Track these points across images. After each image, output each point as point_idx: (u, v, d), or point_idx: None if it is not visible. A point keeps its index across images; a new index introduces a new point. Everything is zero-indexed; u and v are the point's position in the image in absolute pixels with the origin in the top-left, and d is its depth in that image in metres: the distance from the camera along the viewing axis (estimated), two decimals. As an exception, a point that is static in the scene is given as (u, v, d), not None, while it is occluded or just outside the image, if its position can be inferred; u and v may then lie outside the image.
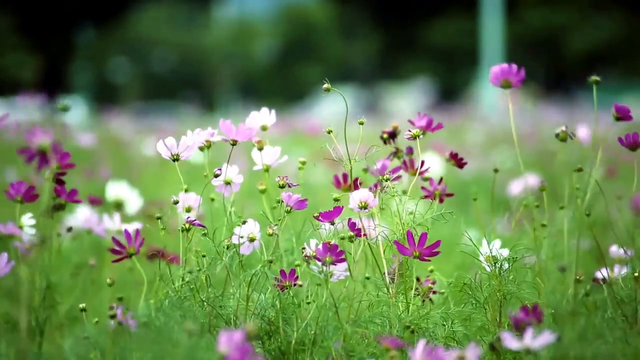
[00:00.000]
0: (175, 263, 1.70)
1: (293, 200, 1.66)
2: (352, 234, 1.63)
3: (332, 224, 1.64)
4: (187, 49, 27.97)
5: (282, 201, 1.66)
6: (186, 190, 1.68)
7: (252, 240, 1.65)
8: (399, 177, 1.78)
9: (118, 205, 2.35)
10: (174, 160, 1.70)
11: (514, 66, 1.69)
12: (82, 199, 1.76)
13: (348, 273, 1.65)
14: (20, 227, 1.71)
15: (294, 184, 1.68)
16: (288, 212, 1.66)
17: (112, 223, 2.14)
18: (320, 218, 1.64)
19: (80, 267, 2.25)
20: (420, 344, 1.41)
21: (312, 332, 1.60)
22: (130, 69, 28.40)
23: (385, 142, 1.86)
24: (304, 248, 1.65)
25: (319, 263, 1.59)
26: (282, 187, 1.67)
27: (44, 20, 25.01)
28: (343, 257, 1.60)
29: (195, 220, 1.64)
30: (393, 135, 1.86)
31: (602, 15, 25.82)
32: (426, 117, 1.77)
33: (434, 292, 1.76)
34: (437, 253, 1.62)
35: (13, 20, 23.62)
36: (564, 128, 1.72)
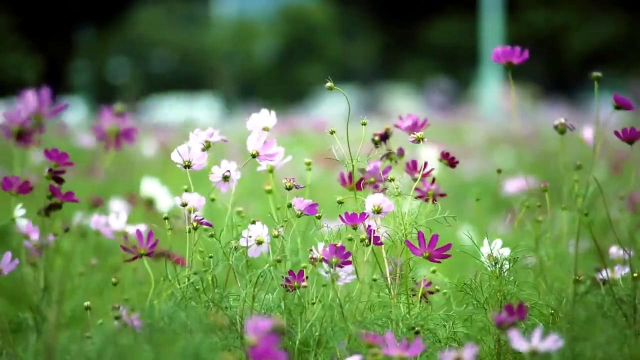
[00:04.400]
0: (180, 264, 1.70)
1: (304, 205, 1.66)
2: (365, 235, 1.63)
3: (355, 228, 1.64)
4: (186, 49, 27.95)
5: (291, 205, 1.66)
6: (186, 191, 1.67)
7: (259, 243, 1.65)
8: (388, 179, 1.77)
9: (150, 203, 2.35)
10: (185, 168, 1.69)
11: (516, 47, 1.75)
12: (79, 199, 1.76)
13: (354, 276, 1.65)
14: (13, 220, 1.72)
15: (300, 186, 1.68)
16: (299, 216, 1.66)
17: (118, 224, 2.14)
18: (344, 220, 1.64)
19: (84, 268, 2.26)
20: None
21: (317, 334, 1.60)
22: (130, 69, 28.39)
23: (376, 145, 1.86)
24: (310, 249, 1.65)
25: (326, 265, 1.60)
26: (288, 188, 1.67)
27: (44, 20, 25.00)
28: (349, 259, 1.61)
29: (203, 219, 1.64)
30: (385, 137, 1.86)
31: (602, 15, 25.80)
32: (411, 118, 1.78)
33: (431, 293, 1.77)
34: (447, 255, 1.63)
35: (13, 20, 23.61)
36: (562, 120, 1.72)
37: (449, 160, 1.85)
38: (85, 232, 1.95)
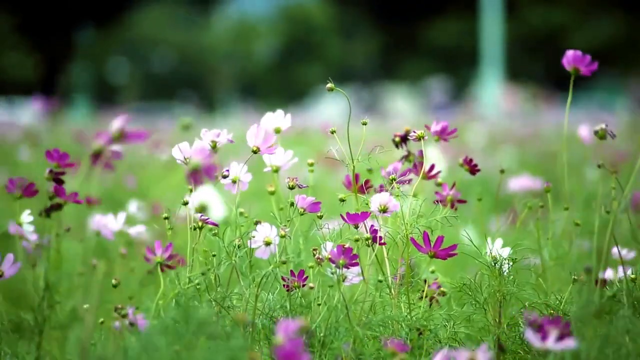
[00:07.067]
0: (181, 264, 1.70)
1: (306, 203, 1.65)
2: (368, 236, 1.63)
3: (357, 227, 1.64)
4: (187, 49, 27.96)
5: (294, 203, 1.65)
6: (191, 191, 1.67)
7: (268, 244, 1.65)
8: (409, 180, 1.76)
9: (202, 210, 2.32)
10: (185, 164, 1.68)
11: (588, 56, 1.74)
12: (81, 199, 1.75)
13: (361, 277, 1.65)
14: (20, 224, 1.71)
15: (304, 185, 1.67)
16: (302, 214, 1.65)
17: (117, 224, 2.13)
18: (345, 219, 1.63)
19: (85, 268, 2.25)
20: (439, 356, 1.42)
21: (322, 335, 1.60)
22: (130, 69, 28.39)
23: (397, 146, 1.85)
24: (315, 249, 1.65)
25: (333, 265, 1.59)
26: (291, 188, 1.66)
27: (44, 20, 24.99)
28: (356, 260, 1.60)
29: (208, 218, 1.64)
30: (405, 138, 1.85)
31: (602, 15, 25.81)
32: (442, 123, 1.77)
33: (440, 294, 1.76)
34: (453, 254, 1.62)
35: (13, 20, 23.60)
36: (603, 126, 1.72)
37: (471, 167, 1.84)
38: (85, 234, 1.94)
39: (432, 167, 1.78)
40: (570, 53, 1.76)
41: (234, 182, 1.70)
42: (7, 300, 2.35)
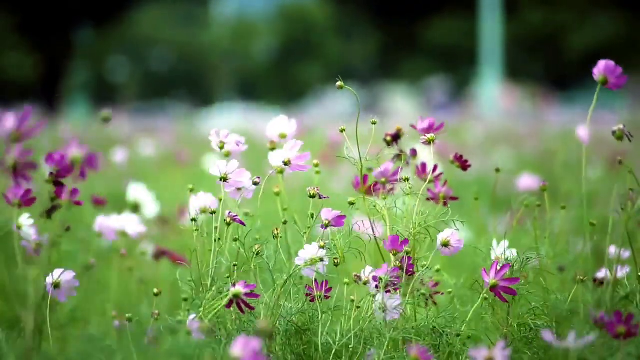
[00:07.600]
0: (178, 263, 1.69)
1: (332, 216, 1.64)
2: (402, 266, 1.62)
3: (395, 254, 1.63)
4: (186, 48, 27.95)
5: (314, 215, 1.63)
6: (191, 191, 1.66)
7: (314, 262, 1.60)
8: (401, 179, 1.76)
9: (136, 208, 2.32)
10: (221, 180, 1.65)
11: (619, 68, 1.73)
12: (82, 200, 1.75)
13: (401, 309, 1.62)
14: (19, 228, 1.71)
15: (325, 196, 1.65)
16: (327, 226, 1.63)
17: (117, 224, 2.13)
18: (386, 243, 1.63)
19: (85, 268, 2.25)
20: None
21: (351, 346, 1.58)
22: (129, 68, 28.39)
23: (388, 145, 1.85)
24: (336, 258, 1.63)
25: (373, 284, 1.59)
26: (312, 197, 1.65)
27: (44, 20, 24.97)
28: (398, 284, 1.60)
29: (236, 215, 1.62)
30: (396, 137, 1.86)
31: (602, 15, 25.80)
32: (428, 120, 1.77)
33: (437, 293, 1.76)
34: (513, 292, 1.61)
35: (13, 20, 23.59)
36: (621, 126, 1.72)
37: (462, 163, 1.85)
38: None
39: (424, 165, 1.79)
40: (602, 63, 1.74)
41: (238, 190, 1.67)
42: (6, 300, 2.35)
